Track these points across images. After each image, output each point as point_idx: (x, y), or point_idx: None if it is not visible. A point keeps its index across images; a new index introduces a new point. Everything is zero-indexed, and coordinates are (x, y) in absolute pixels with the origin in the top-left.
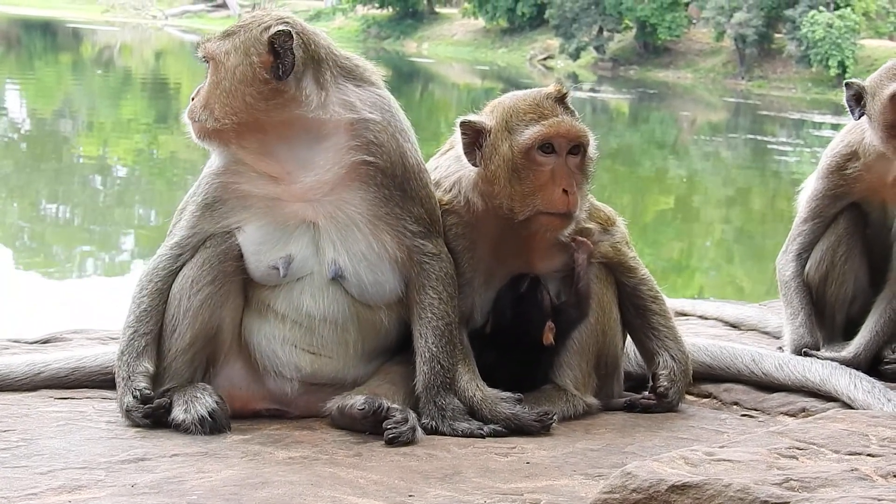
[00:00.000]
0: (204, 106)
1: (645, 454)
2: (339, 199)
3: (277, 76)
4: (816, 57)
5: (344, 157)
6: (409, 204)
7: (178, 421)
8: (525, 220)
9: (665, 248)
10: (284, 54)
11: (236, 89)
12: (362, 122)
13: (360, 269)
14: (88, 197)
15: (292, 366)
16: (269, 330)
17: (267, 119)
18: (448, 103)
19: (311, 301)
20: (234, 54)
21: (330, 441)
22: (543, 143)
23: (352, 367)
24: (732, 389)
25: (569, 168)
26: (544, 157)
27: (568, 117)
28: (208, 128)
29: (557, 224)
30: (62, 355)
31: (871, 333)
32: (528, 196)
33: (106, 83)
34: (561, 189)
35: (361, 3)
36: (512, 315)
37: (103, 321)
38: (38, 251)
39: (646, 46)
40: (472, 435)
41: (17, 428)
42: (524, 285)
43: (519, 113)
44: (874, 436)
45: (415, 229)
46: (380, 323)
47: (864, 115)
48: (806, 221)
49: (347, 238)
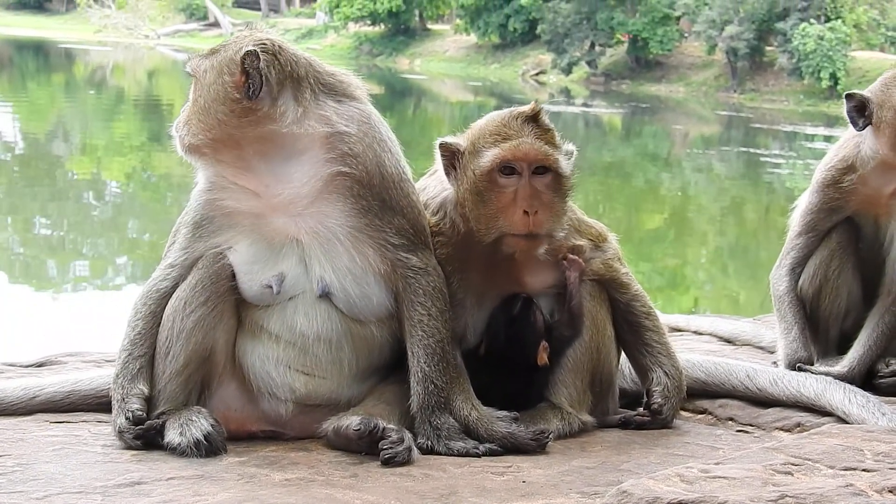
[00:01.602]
0: (185, 121)
1: (641, 471)
2: (320, 212)
3: (248, 95)
4: (808, 69)
5: (320, 169)
6: (388, 215)
7: (174, 444)
8: (494, 242)
9: (660, 262)
10: (252, 74)
11: (209, 106)
12: (337, 135)
13: (346, 284)
14: (82, 217)
15: (286, 387)
16: (263, 351)
17: (241, 135)
18: (441, 119)
19: (305, 320)
20: (210, 73)
21: (326, 462)
22: (501, 165)
23: (346, 388)
24: (727, 405)
25: (533, 188)
26: (506, 179)
27: (530, 139)
28: (187, 143)
29: (524, 245)
30: (57, 379)
31: (864, 347)
32: (491, 218)
33: (99, 103)
34: (522, 210)
35: (353, 20)
36: (506, 337)
37: (98, 343)
38: (31, 272)
39: (638, 61)
40: (467, 454)
41: (12, 453)
42: (517, 306)
43: (485, 135)
44: (869, 451)
45: (397, 242)
46: (372, 338)
47: (868, 125)
48: (800, 235)
49: (330, 252)
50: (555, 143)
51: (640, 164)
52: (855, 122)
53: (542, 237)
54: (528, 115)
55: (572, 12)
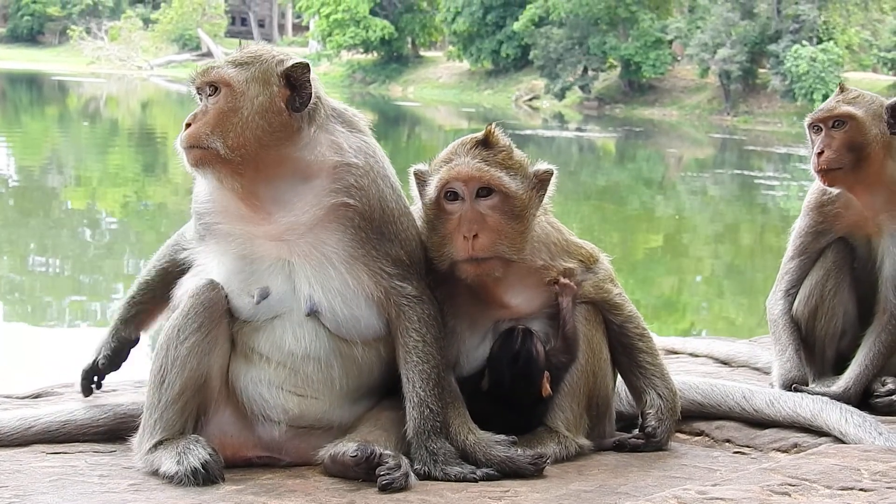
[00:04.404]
0: (213, 131)
1: (638, 494)
2: (316, 239)
3: (294, 108)
4: (801, 91)
5: (323, 199)
6: (386, 246)
7: (171, 473)
8: (450, 269)
9: (655, 284)
10: (302, 87)
11: (252, 118)
12: (345, 167)
13: (334, 304)
14: (78, 249)
15: (279, 408)
16: (256, 373)
17: (265, 154)
18: (435, 146)
19: (293, 339)
20: (252, 84)
21: (323, 489)
22: (442, 190)
23: (338, 408)
24: (724, 427)
25: (475, 212)
26: (451, 205)
27: (470, 160)
28: (216, 154)
29: (472, 270)
30: (53, 409)
31: (860, 367)
32: (440, 245)
33: (93, 135)
34: (462, 235)
35: (346, 48)
36: (510, 376)
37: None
38: (27, 304)
39: (631, 85)
40: (464, 479)
41: (9, 484)
42: (517, 342)
43: (437, 161)
44: (866, 470)
45: (392, 271)
46: (360, 359)
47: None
48: (793, 259)
49: (322, 274)
50: (505, 164)
51: (634, 187)
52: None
53: (490, 261)
54: (479, 139)
55: (564, 37)
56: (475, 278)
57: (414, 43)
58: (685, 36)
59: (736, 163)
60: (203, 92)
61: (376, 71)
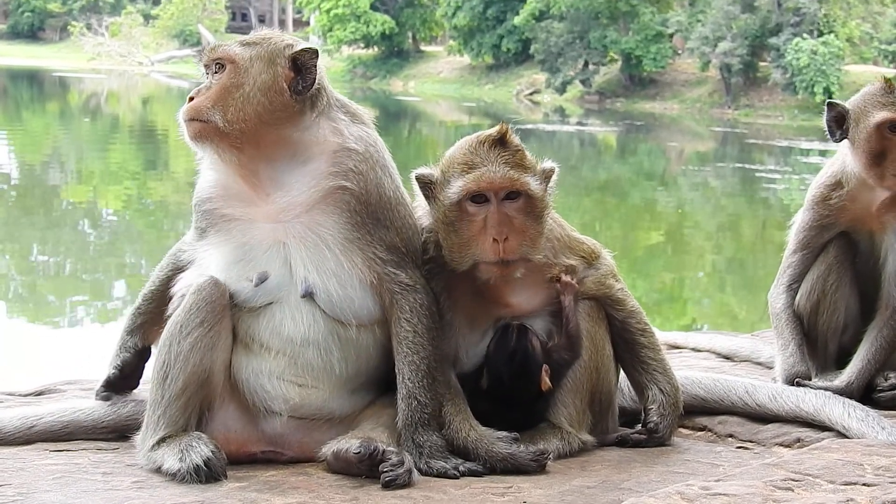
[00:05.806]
0: (214, 105)
1: (641, 490)
2: (312, 220)
3: (296, 91)
4: (802, 84)
5: (322, 181)
6: (381, 232)
7: (174, 470)
8: (469, 270)
9: (657, 279)
10: (308, 71)
11: (252, 95)
12: (345, 151)
13: (329, 285)
14: (79, 245)
15: (280, 399)
16: (257, 364)
17: (265, 132)
18: (436, 141)
19: (291, 323)
20: (257, 62)
21: (326, 486)
22: (470, 195)
23: (338, 397)
24: (727, 422)
25: (502, 214)
26: (476, 207)
27: (496, 166)
28: (215, 127)
29: (498, 271)
30: (56, 407)
31: (863, 361)
32: (463, 247)
33: (94, 131)
34: (492, 238)
35: (346, 43)
36: (508, 374)
37: (97, 371)
38: (29, 301)
39: (631, 78)
40: (445, 475)
41: (12, 482)
42: (512, 338)
43: (454, 164)
44: (869, 465)
45: (386, 257)
46: (356, 342)
47: (844, 138)
48: (795, 253)
49: (317, 256)
50: (524, 165)
51: (635, 181)
52: (832, 133)
53: (517, 262)
54: (495, 138)
55: (565, 31)
56: (498, 279)
57: (415, 38)
58: (686, 29)
59: (737, 156)
60: (210, 69)
61: (377, 66)
